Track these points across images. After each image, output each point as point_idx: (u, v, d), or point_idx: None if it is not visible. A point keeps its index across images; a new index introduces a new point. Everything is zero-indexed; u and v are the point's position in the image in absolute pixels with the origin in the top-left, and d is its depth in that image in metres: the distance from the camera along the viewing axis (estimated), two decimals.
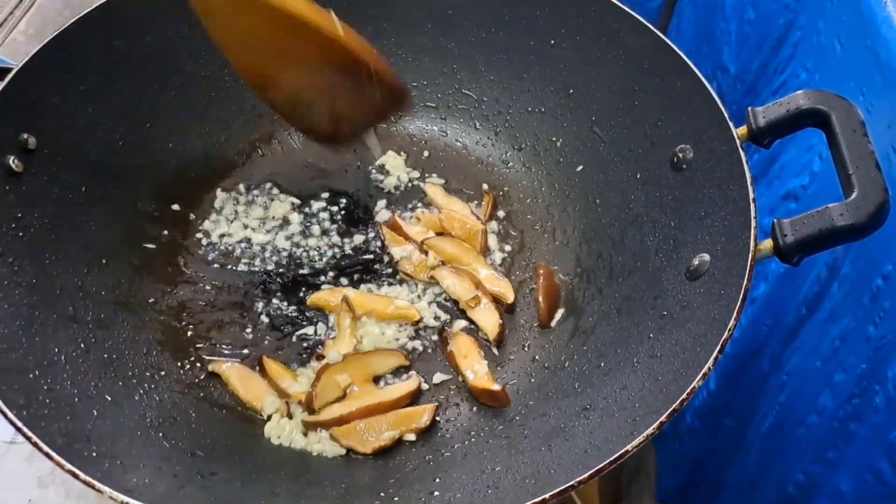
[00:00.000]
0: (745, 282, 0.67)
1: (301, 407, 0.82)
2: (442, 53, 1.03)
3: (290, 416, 0.82)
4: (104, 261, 0.86)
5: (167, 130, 0.97)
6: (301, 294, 0.91)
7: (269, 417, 0.81)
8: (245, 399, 0.83)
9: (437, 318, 0.90)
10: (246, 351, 0.87)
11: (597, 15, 0.91)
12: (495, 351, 0.87)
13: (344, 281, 0.92)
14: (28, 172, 0.81)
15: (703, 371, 0.64)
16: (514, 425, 0.78)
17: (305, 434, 0.80)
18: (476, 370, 0.84)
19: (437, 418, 0.81)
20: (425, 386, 0.85)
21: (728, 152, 0.75)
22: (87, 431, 0.69)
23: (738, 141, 0.74)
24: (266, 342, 0.88)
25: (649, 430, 0.62)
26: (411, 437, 0.80)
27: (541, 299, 0.89)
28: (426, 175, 1.02)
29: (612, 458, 0.61)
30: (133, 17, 0.91)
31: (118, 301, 0.85)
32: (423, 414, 0.81)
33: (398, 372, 0.85)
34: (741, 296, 0.67)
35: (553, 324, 0.88)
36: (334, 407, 0.81)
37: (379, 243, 0.96)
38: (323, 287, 0.91)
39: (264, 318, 0.89)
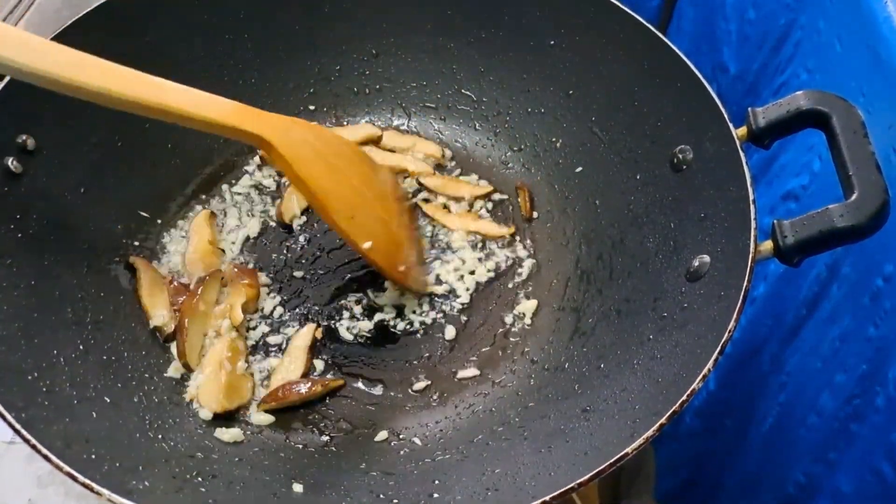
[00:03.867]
0: (745, 283, 0.67)
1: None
2: (442, 53, 1.03)
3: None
4: (104, 262, 0.86)
5: (167, 131, 0.95)
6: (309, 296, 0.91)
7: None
8: (144, 303, 0.85)
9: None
10: None
11: (597, 15, 0.91)
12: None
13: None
14: (27, 174, 0.81)
15: (703, 373, 0.64)
16: (513, 427, 0.78)
17: None
18: None
19: (437, 421, 0.82)
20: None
21: (728, 153, 0.74)
22: (86, 433, 0.68)
23: (737, 142, 0.74)
24: None
25: (649, 433, 0.62)
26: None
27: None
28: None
29: (612, 461, 0.61)
30: (133, 17, 0.91)
31: (118, 302, 0.85)
32: None
33: None
34: (741, 297, 0.66)
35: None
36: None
37: None
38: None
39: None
